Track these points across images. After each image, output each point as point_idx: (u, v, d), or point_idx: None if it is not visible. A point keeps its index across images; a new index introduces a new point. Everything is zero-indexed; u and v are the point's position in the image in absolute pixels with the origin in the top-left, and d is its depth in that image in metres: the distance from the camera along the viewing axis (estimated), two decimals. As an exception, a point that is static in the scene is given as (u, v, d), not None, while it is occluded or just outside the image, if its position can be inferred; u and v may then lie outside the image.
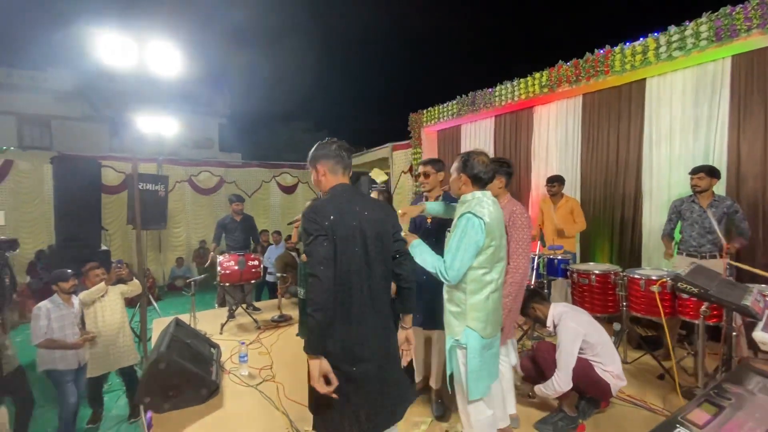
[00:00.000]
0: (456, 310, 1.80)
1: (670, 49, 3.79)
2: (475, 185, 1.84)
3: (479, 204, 1.77)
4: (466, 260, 1.69)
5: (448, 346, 1.83)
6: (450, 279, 1.70)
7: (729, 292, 1.82)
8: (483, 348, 1.77)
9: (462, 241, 1.69)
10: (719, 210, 3.20)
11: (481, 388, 1.77)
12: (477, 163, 1.83)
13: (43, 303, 3.24)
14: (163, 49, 4.30)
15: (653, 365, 3.21)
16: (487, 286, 1.76)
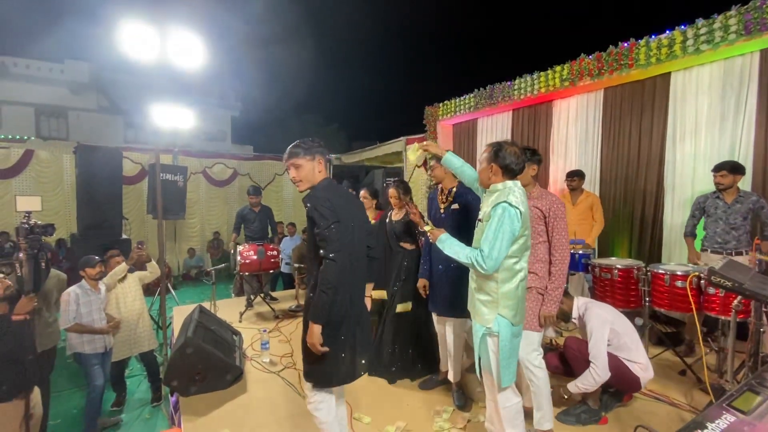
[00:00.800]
0: (486, 299, 1.81)
1: (698, 42, 3.72)
2: (506, 175, 1.84)
3: (512, 193, 1.77)
4: (503, 249, 1.69)
5: (480, 334, 1.84)
6: (488, 269, 1.70)
7: (763, 286, 1.81)
8: (513, 335, 1.79)
9: (499, 231, 1.69)
10: (744, 206, 3.15)
11: (511, 374, 1.79)
12: (509, 154, 1.82)
13: (72, 288, 3.33)
14: (186, 41, 4.34)
15: (674, 361, 3.20)
16: (517, 275, 1.78)
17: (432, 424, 2.45)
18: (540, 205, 2.16)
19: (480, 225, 1.86)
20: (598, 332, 2.32)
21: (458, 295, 1.99)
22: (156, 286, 5.59)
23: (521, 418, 1.87)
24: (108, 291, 3.55)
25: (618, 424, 2.42)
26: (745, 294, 1.81)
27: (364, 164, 10.42)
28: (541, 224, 2.17)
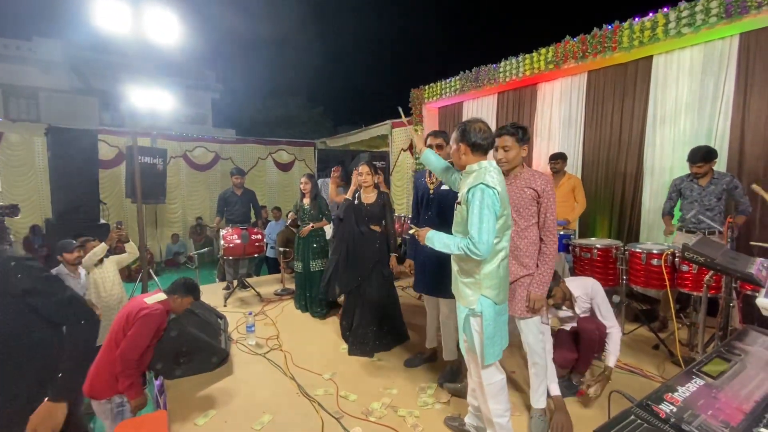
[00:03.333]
0: (469, 281, 1.83)
1: (680, 25, 3.76)
2: (476, 153, 1.83)
3: (487, 173, 1.77)
4: (492, 231, 1.68)
5: (463, 315, 1.87)
6: (482, 253, 1.67)
7: (734, 261, 1.88)
8: (497, 314, 1.82)
9: (483, 213, 1.68)
10: (719, 187, 3.25)
11: (495, 352, 1.82)
12: (475, 131, 1.81)
13: (60, 267, 3.24)
14: (161, 17, 4.17)
15: (648, 336, 3.33)
16: (498, 254, 1.79)
17: (416, 400, 2.50)
18: (535, 185, 2.07)
19: (459, 208, 1.85)
20: (606, 299, 2.54)
21: (447, 275, 2.00)
22: (138, 272, 5.49)
23: (505, 393, 1.92)
24: (87, 274, 3.46)
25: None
26: (716, 269, 1.88)
27: (350, 148, 10.33)
28: (534, 205, 2.07)
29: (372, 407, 2.42)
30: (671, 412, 0.92)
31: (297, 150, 11.43)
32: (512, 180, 2.12)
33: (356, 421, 2.30)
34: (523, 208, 2.07)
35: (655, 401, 0.95)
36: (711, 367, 1.16)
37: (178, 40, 4.54)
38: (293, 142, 11.66)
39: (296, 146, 11.49)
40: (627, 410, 0.93)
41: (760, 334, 1.44)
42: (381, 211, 3.20)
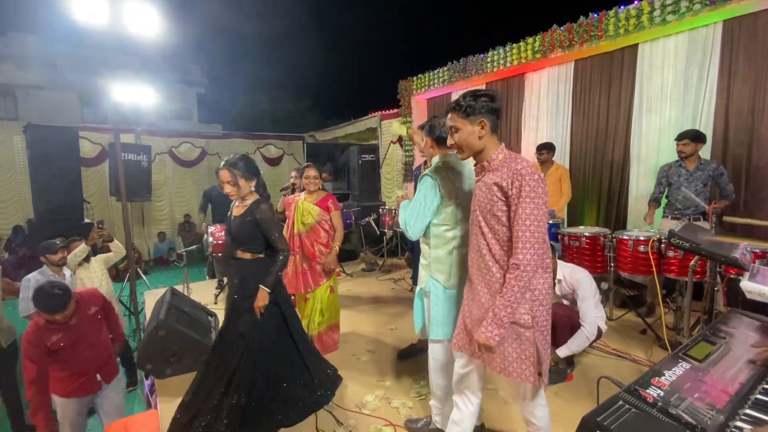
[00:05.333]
0: (424, 263, 1.95)
1: (664, 12, 3.77)
2: (440, 147, 1.95)
3: (444, 166, 1.89)
4: (422, 218, 1.82)
5: (416, 292, 2.02)
6: (410, 235, 1.86)
7: (718, 246, 1.91)
8: (446, 297, 1.87)
9: (419, 201, 1.82)
10: (705, 173, 3.31)
11: (443, 332, 1.87)
12: (440, 125, 1.92)
13: (32, 274, 3.15)
14: (138, 6, 4.05)
15: (636, 322, 3.40)
16: (450, 242, 1.86)
17: (410, 391, 2.52)
18: (500, 177, 1.46)
19: None
20: (590, 295, 2.50)
21: None
22: (126, 272, 5.39)
23: (446, 374, 1.93)
24: (72, 274, 3.39)
25: (584, 380, 2.57)
26: (701, 254, 1.91)
27: (339, 142, 10.25)
28: (502, 209, 1.47)
29: (366, 399, 2.43)
30: (658, 396, 0.93)
31: (285, 144, 11.29)
32: (480, 174, 1.59)
33: (350, 414, 2.30)
34: (489, 215, 1.51)
35: (643, 386, 0.97)
36: (697, 351, 1.18)
37: (160, 33, 4.43)
38: (281, 136, 11.51)
39: (285, 140, 11.35)
40: (615, 396, 0.94)
41: (744, 317, 1.47)
42: (250, 229, 2.12)
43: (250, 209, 2.14)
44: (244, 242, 2.15)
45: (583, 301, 2.48)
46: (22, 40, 13.76)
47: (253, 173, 2.19)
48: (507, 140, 5.82)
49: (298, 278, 2.99)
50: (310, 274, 2.97)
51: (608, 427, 0.84)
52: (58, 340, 2.29)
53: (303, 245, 2.98)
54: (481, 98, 1.51)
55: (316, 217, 2.99)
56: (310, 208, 2.99)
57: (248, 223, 2.12)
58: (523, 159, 1.50)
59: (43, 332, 2.24)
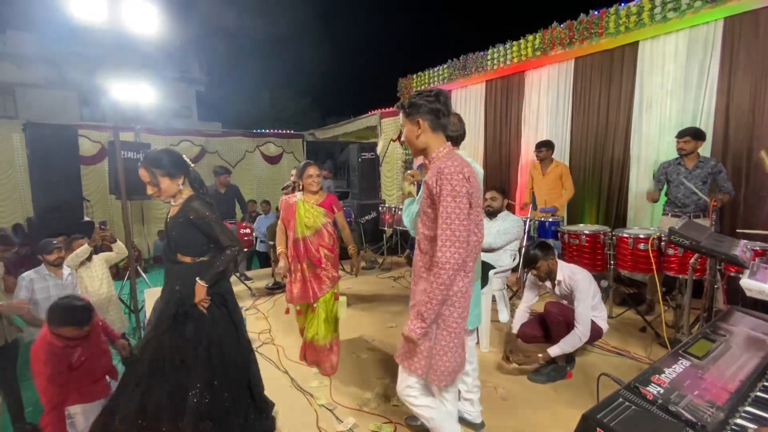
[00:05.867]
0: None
1: (665, 9, 3.76)
2: None
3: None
4: (411, 213, 1.84)
5: None
6: (413, 233, 1.84)
7: (719, 243, 1.91)
8: None
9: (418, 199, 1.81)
10: (704, 171, 3.31)
11: None
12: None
13: (28, 273, 3.13)
14: (137, 3, 4.04)
15: (635, 319, 3.40)
16: None
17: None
18: (429, 176, 1.50)
19: None
20: (588, 297, 2.45)
21: None
22: (126, 270, 5.39)
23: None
24: (70, 273, 3.37)
25: (584, 377, 2.57)
26: (701, 251, 1.91)
27: (339, 140, 10.24)
28: (429, 203, 1.51)
29: (365, 397, 2.43)
30: (658, 394, 0.93)
31: (285, 142, 11.27)
32: (424, 172, 1.63)
33: (350, 412, 2.30)
34: (423, 213, 1.54)
35: (643, 383, 0.96)
36: (697, 348, 1.18)
37: (159, 31, 4.41)
38: (281, 134, 11.49)
39: (284, 138, 11.33)
40: (615, 393, 0.94)
41: (744, 315, 1.47)
42: (185, 231, 1.92)
43: (182, 209, 1.93)
44: (181, 245, 1.96)
45: (580, 303, 2.45)
46: (22, 39, 13.74)
47: (179, 169, 1.94)
48: (507, 138, 5.81)
49: (306, 287, 2.72)
50: (316, 283, 2.72)
51: (608, 424, 0.84)
52: (80, 355, 2.14)
53: (308, 251, 2.72)
54: (422, 98, 1.52)
55: (322, 219, 2.75)
56: (314, 209, 2.75)
57: (181, 225, 1.91)
58: (454, 158, 1.47)
59: (63, 352, 2.06)
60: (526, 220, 3.71)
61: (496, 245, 3.18)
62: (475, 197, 1.49)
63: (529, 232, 3.74)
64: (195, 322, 1.90)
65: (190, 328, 1.90)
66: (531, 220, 3.78)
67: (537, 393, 2.45)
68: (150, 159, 1.89)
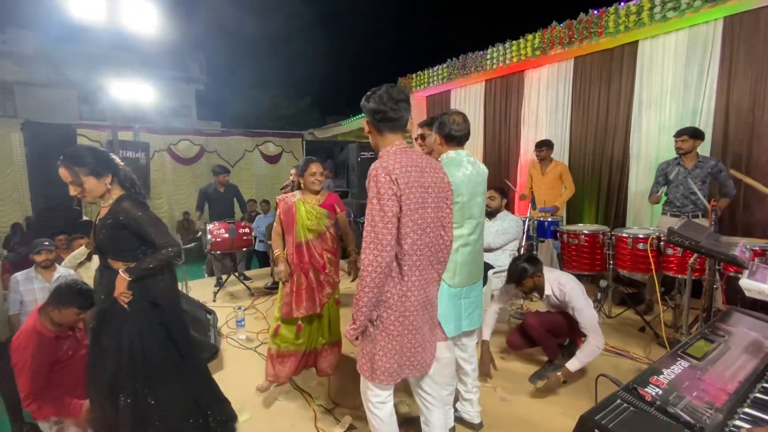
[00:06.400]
0: None
1: (665, 9, 3.75)
2: (449, 144, 1.92)
3: (449, 163, 1.86)
4: None
5: None
6: None
7: (718, 244, 1.90)
8: (450, 296, 1.85)
9: None
10: (704, 170, 3.29)
11: (447, 329, 1.84)
12: (450, 122, 1.90)
13: (18, 274, 3.12)
14: (135, 2, 4.03)
15: (634, 319, 3.39)
16: (456, 240, 1.83)
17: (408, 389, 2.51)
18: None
19: None
20: (585, 304, 2.38)
21: None
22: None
23: (448, 372, 1.95)
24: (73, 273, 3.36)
25: (583, 378, 2.57)
26: (700, 251, 1.91)
27: (338, 139, 10.23)
28: None
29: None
30: (657, 395, 0.92)
31: (284, 142, 11.28)
32: None
33: (349, 412, 2.30)
34: None
35: (641, 384, 0.96)
36: (695, 349, 1.17)
37: (158, 30, 4.41)
38: (280, 133, 11.52)
39: (284, 138, 11.34)
40: (613, 394, 0.94)
41: (743, 315, 1.46)
42: (114, 233, 1.78)
43: (111, 210, 1.78)
44: (111, 249, 1.80)
45: (582, 313, 2.36)
46: (21, 37, 13.71)
47: (105, 167, 1.78)
48: (506, 137, 5.80)
49: (314, 296, 2.47)
50: (319, 290, 2.49)
51: (606, 425, 0.83)
52: (67, 349, 2.15)
53: (311, 256, 2.45)
54: (367, 98, 1.49)
55: (325, 221, 2.50)
56: (316, 210, 2.49)
57: (110, 226, 1.76)
58: (387, 158, 1.41)
59: (52, 343, 2.06)
60: (525, 219, 3.70)
61: (495, 245, 3.18)
62: (414, 199, 1.41)
63: (528, 232, 3.73)
64: (116, 321, 1.77)
65: (112, 327, 1.78)
66: (530, 219, 3.77)
67: (536, 394, 2.45)
68: (71, 156, 1.74)
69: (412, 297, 1.48)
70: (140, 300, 1.78)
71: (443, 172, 1.58)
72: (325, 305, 2.53)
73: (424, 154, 1.57)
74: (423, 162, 1.48)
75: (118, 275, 1.73)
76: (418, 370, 1.58)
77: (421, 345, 1.56)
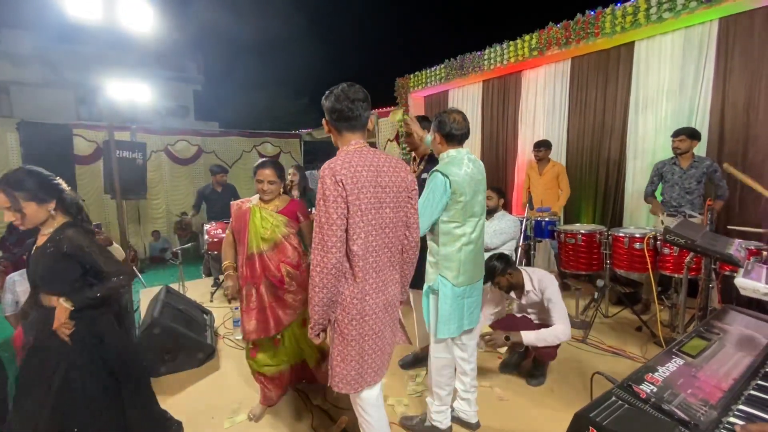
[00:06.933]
0: (432, 260, 1.92)
1: (661, 10, 3.77)
2: (450, 143, 1.92)
3: (451, 162, 1.86)
4: (429, 215, 1.79)
5: (423, 291, 1.95)
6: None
7: (713, 242, 1.91)
8: (455, 295, 1.86)
9: (428, 197, 1.79)
10: (699, 170, 3.32)
11: (450, 329, 1.86)
12: (449, 121, 1.90)
13: (15, 273, 3.11)
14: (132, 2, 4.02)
15: (631, 319, 3.40)
16: (459, 239, 1.85)
17: (405, 388, 2.51)
18: None
19: None
20: (560, 300, 2.40)
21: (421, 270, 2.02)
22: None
23: (446, 373, 1.97)
24: None
25: (579, 376, 2.57)
26: (696, 250, 1.91)
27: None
28: None
29: (361, 397, 2.42)
30: (651, 392, 0.92)
31: (282, 142, 11.25)
32: None
33: (345, 412, 2.29)
34: None
35: (636, 382, 0.96)
36: (690, 347, 1.17)
37: (155, 30, 4.40)
38: (278, 134, 11.47)
39: (282, 138, 11.31)
40: (608, 392, 0.93)
41: (738, 313, 1.47)
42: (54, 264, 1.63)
43: (52, 238, 1.63)
44: (48, 281, 1.64)
45: (556, 304, 2.38)
46: (17, 37, 13.65)
47: (48, 192, 1.63)
48: (504, 138, 5.81)
49: (266, 316, 2.15)
50: (279, 308, 2.16)
51: (600, 423, 0.83)
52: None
53: (266, 269, 2.14)
54: (325, 98, 1.48)
55: (283, 229, 2.17)
56: (272, 218, 2.17)
57: (50, 256, 1.60)
58: (336, 159, 1.40)
59: None
60: (523, 219, 3.71)
61: (493, 245, 3.18)
62: (366, 199, 1.39)
63: (525, 232, 3.74)
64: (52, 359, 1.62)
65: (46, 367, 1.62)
66: (527, 219, 3.78)
67: (533, 393, 2.45)
68: (10, 181, 1.57)
69: (371, 300, 1.45)
70: (82, 333, 1.64)
71: (406, 172, 1.54)
72: (289, 331, 2.24)
73: (384, 153, 1.53)
74: (380, 161, 1.45)
75: (59, 304, 1.59)
76: (378, 376, 1.55)
77: (382, 349, 1.53)
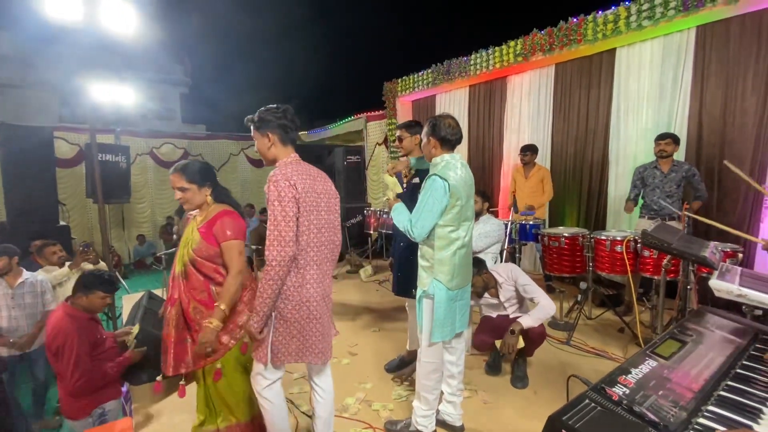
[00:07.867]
0: (426, 265, 1.92)
1: (640, 18, 3.87)
2: (444, 147, 1.94)
3: (447, 167, 1.88)
4: (429, 219, 1.82)
5: (417, 296, 1.94)
6: (416, 236, 1.84)
7: (689, 245, 1.96)
8: (449, 299, 1.88)
9: (427, 202, 1.81)
10: (678, 174, 3.40)
11: (444, 333, 1.88)
12: (445, 126, 1.92)
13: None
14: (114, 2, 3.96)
15: (613, 320, 3.46)
16: (454, 243, 1.87)
17: (391, 393, 2.51)
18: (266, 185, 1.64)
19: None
20: (531, 281, 2.52)
21: (411, 276, 2.02)
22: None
23: (435, 377, 1.99)
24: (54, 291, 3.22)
25: (562, 378, 2.60)
26: (672, 252, 1.96)
27: (325, 143, 10.19)
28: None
29: (346, 402, 2.41)
30: (624, 395, 0.94)
31: (270, 145, 11.18)
32: None
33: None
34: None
35: (609, 384, 0.97)
36: (664, 349, 1.20)
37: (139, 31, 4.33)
38: (266, 137, 11.39)
39: (270, 141, 11.24)
40: (582, 394, 0.95)
41: (713, 315, 1.50)
42: None
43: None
44: None
45: (531, 286, 2.50)
46: (-5, 37, 13.33)
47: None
48: (490, 142, 5.88)
49: (168, 350, 1.80)
50: (190, 345, 1.79)
51: (573, 426, 0.84)
52: (101, 332, 2.36)
53: (181, 299, 1.79)
54: (271, 113, 1.68)
55: (189, 252, 1.77)
56: (192, 233, 1.80)
57: None
58: (285, 168, 1.60)
59: (89, 325, 2.25)
60: (507, 223, 3.75)
61: (478, 248, 3.20)
62: (309, 202, 1.59)
63: (510, 235, 3.78)
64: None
65: None
66: (512, 222, 3.82)
67: (517, 396, 2.47)
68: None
69: (311, 288, 1.62)
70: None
71: (330, 182, 1.77)
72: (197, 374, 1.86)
73: (312, 166, 1.74)
74: (314, 172, 1.70)
75: None
76: (319, 358, 1.69)
77: (322, 334, 1.68)
